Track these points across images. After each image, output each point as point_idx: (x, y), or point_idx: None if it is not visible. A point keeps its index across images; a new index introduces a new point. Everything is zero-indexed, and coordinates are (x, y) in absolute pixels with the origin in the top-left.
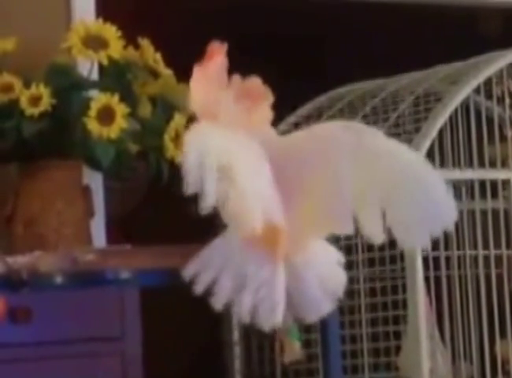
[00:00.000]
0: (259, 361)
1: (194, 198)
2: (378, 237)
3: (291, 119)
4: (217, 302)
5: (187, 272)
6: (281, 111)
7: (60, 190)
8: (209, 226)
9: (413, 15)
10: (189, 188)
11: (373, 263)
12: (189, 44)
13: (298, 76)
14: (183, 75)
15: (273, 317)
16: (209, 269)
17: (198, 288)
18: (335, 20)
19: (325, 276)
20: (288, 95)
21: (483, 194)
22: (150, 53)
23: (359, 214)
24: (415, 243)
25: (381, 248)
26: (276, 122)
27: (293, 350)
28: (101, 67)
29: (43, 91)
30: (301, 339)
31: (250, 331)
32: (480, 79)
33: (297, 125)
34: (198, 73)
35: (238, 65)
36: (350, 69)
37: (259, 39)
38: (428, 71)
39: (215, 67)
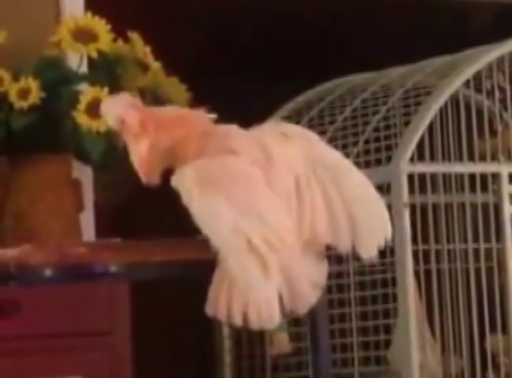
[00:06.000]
0: (249, 355)
1: None
2: (347, 248)
3: (282, 112)
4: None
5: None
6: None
7: (49, 184)
8: None
9: (403, 9)
10: None
11: None
12: (178, 37)
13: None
14: (173, 68)
15: (268, 317)
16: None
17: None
18: (320, 13)
19: (309, 266)
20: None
21: (472, 188)
22: (139, 47)
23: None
24: (370, 254)
25: None
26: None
27: (281, 342)
28: (90, 60)
29: (32, 85)
30: (289, 331)
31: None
32: (469, 73)
33: (288, 118)
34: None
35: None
36: (339, 62)
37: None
38: (417, 65)
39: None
